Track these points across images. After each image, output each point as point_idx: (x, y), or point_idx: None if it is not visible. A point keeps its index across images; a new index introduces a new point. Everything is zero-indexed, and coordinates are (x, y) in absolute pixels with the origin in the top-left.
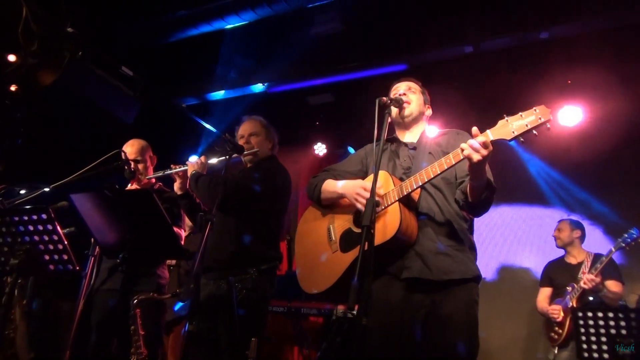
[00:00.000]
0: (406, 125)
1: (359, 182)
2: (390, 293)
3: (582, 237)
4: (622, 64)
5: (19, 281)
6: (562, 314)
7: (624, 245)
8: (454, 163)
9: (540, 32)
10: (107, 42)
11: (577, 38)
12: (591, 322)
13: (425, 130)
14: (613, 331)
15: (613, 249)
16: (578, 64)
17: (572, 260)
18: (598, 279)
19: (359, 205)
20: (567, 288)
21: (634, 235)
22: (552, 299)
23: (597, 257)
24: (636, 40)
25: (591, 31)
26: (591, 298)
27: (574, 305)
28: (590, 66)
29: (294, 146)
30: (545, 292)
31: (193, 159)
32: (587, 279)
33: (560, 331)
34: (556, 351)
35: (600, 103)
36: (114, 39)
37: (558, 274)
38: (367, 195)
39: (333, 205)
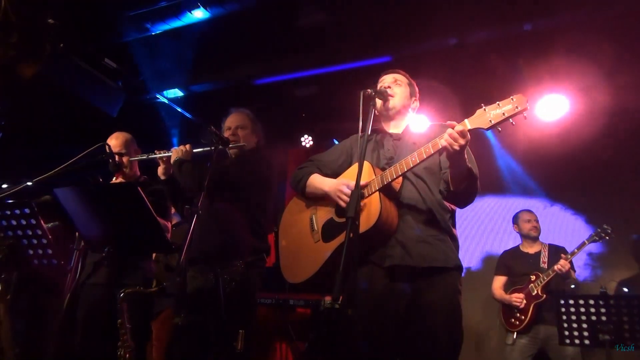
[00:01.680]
0: (390, 117)
1: (341, 181)
2: (374, 282)
3: None
4: (603, 56)
5: (3, 276)
6: (524, 301)
7: (597, 239)
8: (432, 152)
9: (523, 23)
10: (90, 34)
11: (559, 30)
12: (573, 309)
13: (411, 122)
14: (594, 317)
15: (586, 241)
16: (561, 55)
17: (529, 249)
18: (569, 266)
19: (342, 203)
20: (531, 277)
21: (607, 231)
22: (507, 287)
23: (552, 247)
24: (617, 32)
25: (574, 23)
26: (562, 289)
27: (539, 293)
28: (574, 58)
29: (280, 138)
30: (501, 280)
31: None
32: (562, 263)
33: (523, 317)
34: (515, 336)
35: (582, 95)
36: (97, 30)
37: (516, 263)
38: (349, 193)
39: (317, 196)
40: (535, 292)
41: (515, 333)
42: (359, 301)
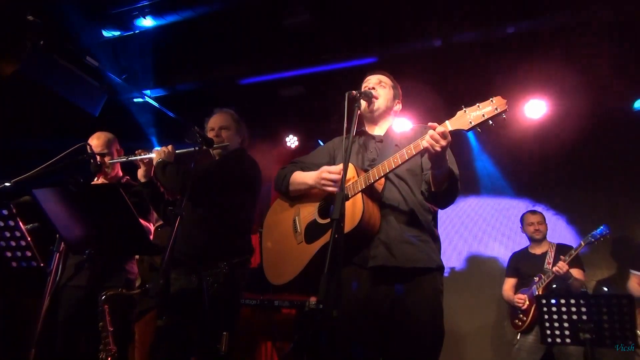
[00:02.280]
0: (374, 119)
1: (322, 168)
2: (357, 284)
3: None
4: (585, 58)
5: None
6: (527, 302)
7: (592, 240)
8: (414, 153)
9: (506, 26)
10: (71, 32)
11: (542, 32)
12: (554, 309)
13: (394, 124)
14: (575, 317)
15: (582, 243)
16: (542, 58)
17: (536, 250)
18: (567, 267)
19: (329, 189)
20: (535, 278)
21: (603, 232)
22: (517, 289)
23: (559, 247)
24: (600, 35)
25: (557, 26)
26: (555, 286)
27: (540, 294)
28: (554, 61)
29: (265, 138)
30: (510, 282)
31: (158, 148)
32: (559, 265)
33: (525, 318)
34: (518, 337)
35: (564, 96)
36: (78, 28)
37: (523, 264)
38: (332, 177)
39: (300, 197)
40: (537, 293)
41: (519, 334)
42: (343, 302)
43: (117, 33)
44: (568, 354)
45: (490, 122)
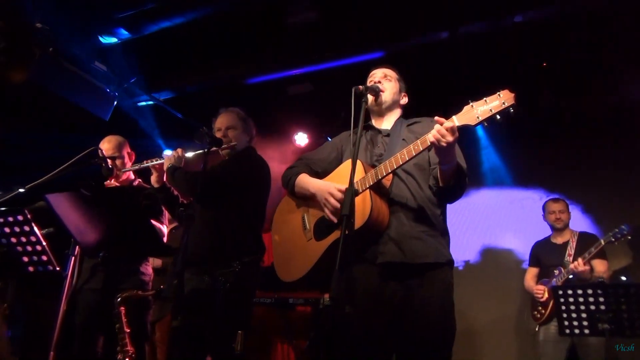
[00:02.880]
0: (381, 113)
1: (329, 186)
2: (367, 280)
3: None
4: (597, 48)
5: None
6: (546, 294)
7: (613, 240)
8: (421, 149)
9: (514, 15)
10: (79, 37)
11: (551, 22)
12: (571, 299)
13: (400, 118)
14: (592, 307)
15: (602, 242)
16: (554, 48)
17: (558, 240)
18: (587, 267)
19: (326, 211)
20: (555, 271)
21: (624, 231)
22: (539, 278)
23: (582, 235)
24: (610, 25)
25: (566, 15)
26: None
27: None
28: (566, 49)
29: (274, 137)
30: (532, 272)
31: (168, 152)
32: (576, 264)
33: (543, 311)
34: (537, 328)
35: (577, 86)
36: (87, 33)
37: (545, 254)
38: (335, 203)
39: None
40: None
41: (538, 325)
42: (355, 298)
43: (115, 39)
44: (588, 344)
45: (498, 116)
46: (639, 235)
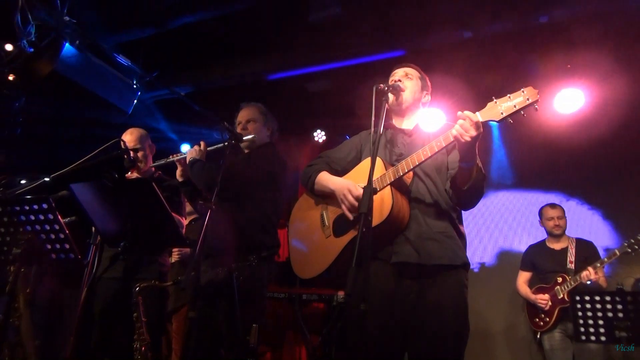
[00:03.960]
0: (402, 112)
1: (348, 184)
2: (381, 278)
3: None
4: (621, 47)
5: (22, 270)
6: (550, 303)
7: (629, 250)
8: (444, 145)
9: (539, 15)
10: (103, 30)
11: (576, 21)
12: (588, 306)
13: (422, 118)
14: (610, 314)
15: (617, 252)
16: (578, 47)
17: (555, 245)
18: (599, 275)
19: (343, 207)
20: (557, 278)
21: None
22: (533, 282)
23: (579, 242)
24: (636, 23)
25: (590, 14)
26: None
27: (565, 297)
28: (590, 50)
29: (293, 133)
30: (525, 276)
31: (185, 147)
32: (585, 274)
33: (547, 319)
34: (538, 335)
35: (599, 87)
36: (110, 25)
37: (542, 260)
38: (352, 200)
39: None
40: (562, 296)
41: (539, 333)
42: (369, 296)
43: (139, 33)
44: (588, 349)
45: (522, 112)
46: None
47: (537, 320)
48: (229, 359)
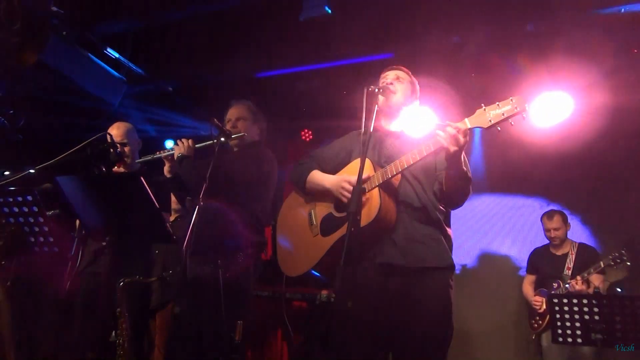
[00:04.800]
0: (391, 114)
1: (343, 177)
2: (367, 277)
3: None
4: (604, 54)
5: (3, 262)
6: (544, 306)
7: (612, 264)
8: (433, 149)
9: (526, 24)
10: (92, 22)
11: (561, 30)
12: (566, 308)
13: (410, 121)
14: (587, 317)
15: (602, 264)
16: (561, 54)
17: (557, 251)
18: (584, 287)
19: (344, 199)
20: (553, 284)
21: (624, 257)
22: (537, 286)
23: (581, 247)
24: (622, 31)
25: (575, 22)
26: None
27: None
28: (573, 57)
29: (280, 132)
30: (530, 279)
31: (170, 144)
32: (572, 283)
33: (540, 321)
34: (533, 337)
35: (581, 94)
36: (99, 18)
37: (543, 264)
38: (351, 189)
39: (316, 192)
40: None
41: (534, 334)
42: (355, 295)
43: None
44: (581, 354)
45: (511, 121)
46: (636, 249)
47: (533, 322)
48: (213, 356)
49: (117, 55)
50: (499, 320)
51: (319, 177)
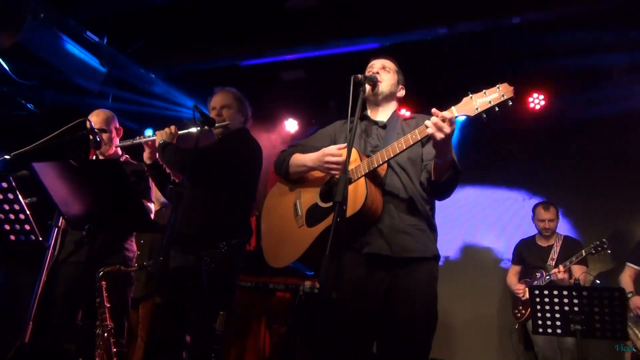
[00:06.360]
0: (377, 104)
1: (322, 151)
2: (353, 268)
3: None
4: (582, 52)
5: None
6: (527, 294)
7: (594, 252)
8: (419, 138)
9: (512, 17)
10: (71, 6)
11: (548, 24)
12: (546, 299)
13: (396, 110)
14: (566, 308)
15: (584, 252)
16: (549, 49)
17: (543, 242)
18: (566, 276)
19: (334, 172)
20: (537, 274)
21: (605, 245)
22: (522, 277)
23: (566, 240)
24: (604, 27)
25: (563, 17)
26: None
27: None
28: (557, 52)
29: (265, 121)
30: (515, 269)
31: (149, 132)
32: (555, 272)
33: (524, 310)
34: (516, 326)
35: (566, 89)
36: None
37: (529, 254)
38: (336, 159)
39: (300, 181)
40: None
41: (518, 323)
42: (340, 285)
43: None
44: (565, 343)
45: (497, 108)
46: (617, 240)
47: (516, 311)
48: (196, 346)
49: (96, 39)
50: (480, 311)
51: (300, 158)
